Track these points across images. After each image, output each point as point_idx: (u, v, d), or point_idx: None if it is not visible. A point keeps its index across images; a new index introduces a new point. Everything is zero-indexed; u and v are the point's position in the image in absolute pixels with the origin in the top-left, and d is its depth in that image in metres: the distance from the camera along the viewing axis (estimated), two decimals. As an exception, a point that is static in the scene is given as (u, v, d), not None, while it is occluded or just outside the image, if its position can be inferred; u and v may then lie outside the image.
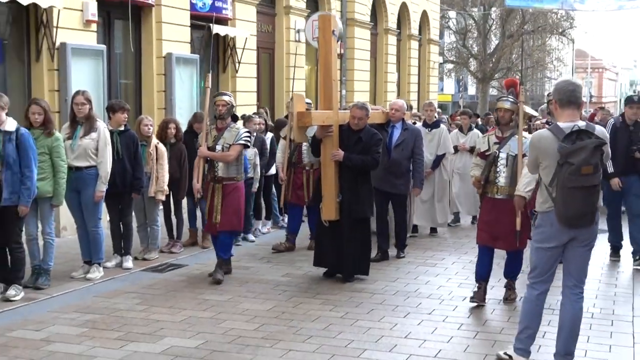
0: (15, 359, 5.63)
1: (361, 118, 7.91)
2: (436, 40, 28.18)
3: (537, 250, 5.36)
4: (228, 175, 7.98)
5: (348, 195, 7.87)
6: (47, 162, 7.52)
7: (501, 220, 6.85)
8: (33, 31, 10.82)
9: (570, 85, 5.35)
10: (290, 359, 5.66)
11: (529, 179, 6.31)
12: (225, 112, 7.98)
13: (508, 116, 7.05)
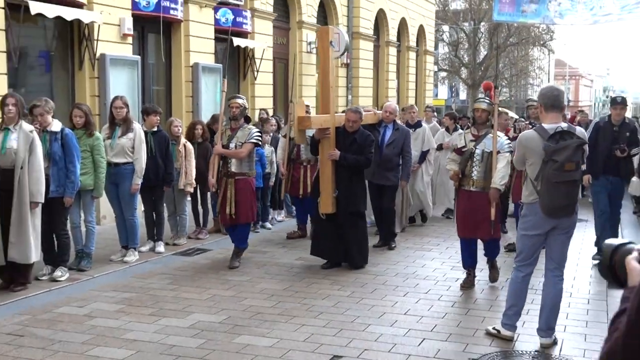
0: (61, 332, 5.68)
1: (355, 121, 7.84)
2: (431, 51, 28.11)
3: (523, 237, 5.44)
4: (240, 171, 7.90)
5: (343, 191, 7.80)
6: (88, 158, 7.59)
7: (476, 210, 6.78)
8: (76, 44, 10.86)
9: (554, 91, 5.43)
10: (303, 333, 5.71)
11: (503, 173, 6.51)
12: (239, 114, 7.94)
13: (484, 116, 6.95)
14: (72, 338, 5.54)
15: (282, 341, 5.51)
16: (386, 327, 5.89)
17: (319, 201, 7.91)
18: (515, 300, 5.46)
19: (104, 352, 5.23)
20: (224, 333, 5.70)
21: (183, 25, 12.73)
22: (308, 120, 7.95)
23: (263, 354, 5.21)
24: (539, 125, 5.39)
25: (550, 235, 5.37)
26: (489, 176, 6.64)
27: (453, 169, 6.99)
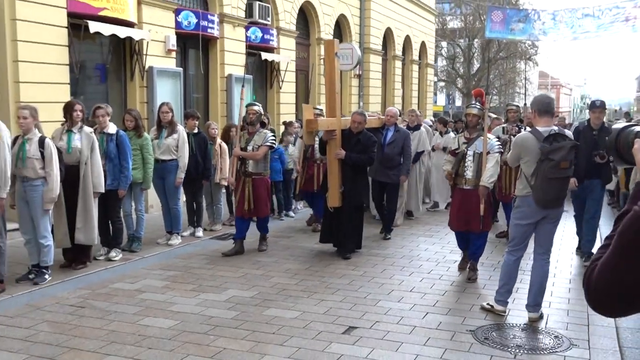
0: (116, 304, 5.72)
1: (360, 122, 7.63)
2: (432, 64, 27.99)
3: (516, 226, 5.40)
4: (256, 171, 7.68)
5: (348, 187, 7.58)
6: (138, 156, 7.62)
7: (469, 206, 6.52)
8: (128, 58, 10.92)
9: (546, 99, 5.40)
10: (323, 307, 5.71)
11: (491, 172, 6.29)
12: (255, 119, 7.70)
13: (475, 120, 6.67)
14: (125, 309, 5.57)
15: (305, 314, 5.50)
16: (394, 303, 5.88)
17: (327, 196, 7.74)
18: (507, 279, 5.44)
19: (152, 321, 5.26)
20: (255, 306, 5.71)
21: (219, 41, 12.76)
22: (315, 122, 7.66)
23: (289, 324, 5.21)
24: (533, 128, 5.31)
25: (540, 224, 5.34)
26: (481, 175, 6.41)
27: (447, 170, 6.78)
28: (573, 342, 4.90)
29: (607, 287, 1.39)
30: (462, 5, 36.70)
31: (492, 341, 4.89)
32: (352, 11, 19.02)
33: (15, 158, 6.08)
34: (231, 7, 13.11)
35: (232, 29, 13.16)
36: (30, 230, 6.34)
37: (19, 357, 4.47)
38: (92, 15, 9.53)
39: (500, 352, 4.68)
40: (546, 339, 5.00)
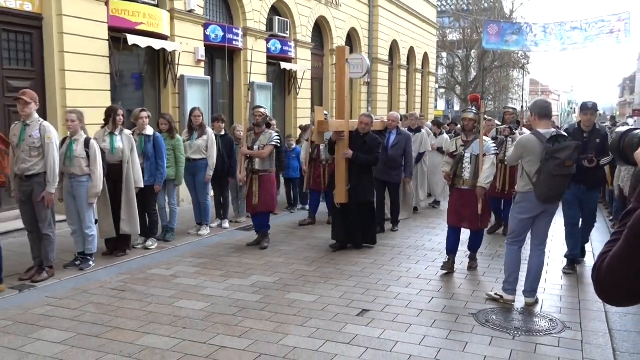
0: (153, 288, 5.75)
1: (367, 124, 7.40)
2: (433, 72, 27.83)
3: (517, 220, 5.32)
4: (263, 168, 7.47)
5: (355, 184, 7.36)
6: (171, 155, 7.64)
7: (466, 205, 6.26)
8: (162, 67, 10.95)
9: (545, 104, 5.36)
10: (338, 291, 5.70)
11: (488, 173, 6.08)
12: (261, 121, 7.52)
13: (472, 124, 6.36)
14: (162, 293, 5.59)
15: (322, 297, 5.50)
16: (403, 288, 5.86)
17: (334, 193, 7.54)
18: (514, 269, 5.35)
19: (186, 304, 5.27)
20: (277, 290, 5.71)
21: (242, 52, 12.76)
22: (326, 124, 7.50)
23: (308, 307, 5.21)
24: (535, 130, 5.22)
25: (538, 218, 5.28)
26: (477, 176, 6.17)
27: (446, 171, 6.51)
28: (566, 325, 4.85)
29: (616, 278, 1.37)
30: (461, 19, 36.45)
31: (492, 323, 4.85)
32: (361, 25, 18.95)
33: (64, 157, 6.12)
34: (254, 22, 13.11)
35: (255, 41, 13.14)
36: (77, 221, 6.37)
37: (68, 335, 4.49)
38: (130, 29, 9.57)
39: (500, 333, 4.64)
40: (542, 321, 4.95)
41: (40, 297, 5.41)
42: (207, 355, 4.13)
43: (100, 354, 4.13)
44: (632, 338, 4.67)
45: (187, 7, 10.95)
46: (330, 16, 16.76)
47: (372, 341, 4.42)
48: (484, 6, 36.52)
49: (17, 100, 5.75)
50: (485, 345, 4.39)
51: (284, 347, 4.29)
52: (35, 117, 5.81)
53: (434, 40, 27.64)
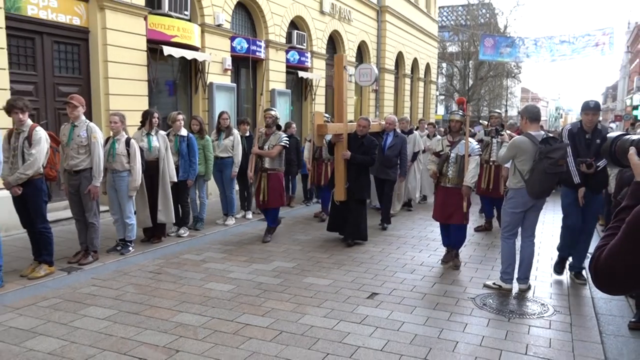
0: (185, 271, 5.76)
1: (365, 126, 7.12)
2: (434, 81, 27.63)
3: (510, 214, 5.25)
4: (272, 167, 7.15)
5: (352, 183, 7.09)
6: (201, 154, 7.63)
7: (450, 202, 6.00)
8: (193, 75, 10.94)
9: (535, 108, 5.27)
10: (350, 276, 5.67)
11: (473, 173, 5.84)
12: (271, 122, 7.20)
13: (458, 126, 6.09)
14: (193, 276, 5.60)
15: (336, 281, 5.47)
16: (408, 274, 5.82)
17: (333, 191, 7.30)
18: (510, 260, 5.27)
19: (214, 285, 5.28)
20: (296, 275, 5.70)
21: (264, 62, 12.72)
22: (325, 127, 7.23)
23: (323, 290, 5.19)
24: (527, 133, 5.13)
25: (528, 212, 5.22)
26: (462, 175, 5.91)
27: (432, 169, 6.21)
28: (557, 309, 4.78)
29: (615, 269, 1.33)
30: (460, 33, 36.15)
31: (489, 307, 4.80)
32: (370, 38, 18.84)
33: (107, 154, 6.14)
34: (275, 35, 13.08)
35: (275, 52, 13.13)
36: (118, 211, 6.40)
37: (111, 312, 4.52)
38: (166, 41, 9.59)
39: (496, 316, 4.59)
40: (534, 305, 4.89)
41: (86, 278, 5.45)
42: (234, 331, 4.13)
43: (140, 329, 4.14)
44: (616, 321, 4.60)
45: (216, 21, 10.96)
46: (343, 30, 16.68)
47: (381, 321, 4.40)
48: (481, 22, 36.12)
49: (67, 104, 5.78)
50: (483, 327, 4.34)
51: (302, 325, 4.28)
52: (82, 119, 5.83)
53: (435, 52, 27.44)
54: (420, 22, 23.47)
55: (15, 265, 5.65)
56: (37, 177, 5.25)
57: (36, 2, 7.77)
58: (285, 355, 3.72)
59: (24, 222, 5.46)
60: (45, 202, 5.42)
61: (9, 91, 7.08)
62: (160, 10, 9.59)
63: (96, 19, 8.49)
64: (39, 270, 5.40)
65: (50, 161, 5.42)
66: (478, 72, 35.69)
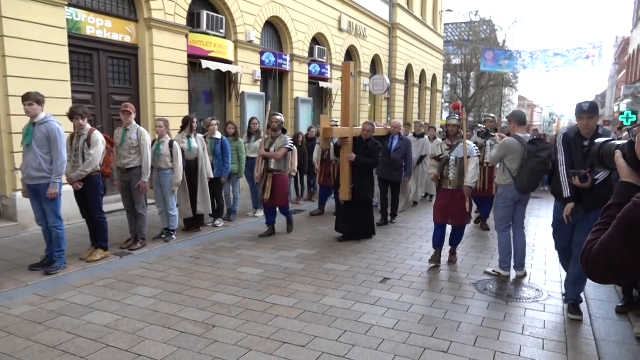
0: (220, 257, 5.79)
1: (369, 130, 6.71)
2: (440, 90, 27.32)
3: (502, 208, 5.16)
4: (277, 168, 6.80)
5: (357, 184, 6.71)
6: (235, 154, 7.66)
7: (452, 204, 5.56)
8: (227, 85, 10.99)
9: (522, 113, 5.21)
10: (365, 263, 5.66)
11: (473, 174, 5.43)
12: (277, 126, 6.80)
13: (455, 130, 5.64)
14: (227, 261, 5.64)
15: (352, 267, 5.46)
16: (416, 262, 5.77)
17: (339, 191, 6.91)
18: (507, 250, 5.20)
19: (246, 269, 5.30)
20: (317, 261, 5.69)
21: (289, 74, 12.76)
22: (331, 131, 6.78)
23: (341, 275, 5.18)
24: (515, 135, 5.04)
25: (517, 206, 5.15)
26: (462, 177, 5.51)
27: (433, 173, 5.77)
28: (550, 294, 4.70)
29: (606, 261, 1.31)
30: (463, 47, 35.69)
31: (489, 291, 4.74)
32: (383, 52, 18.71)
33: (153, 154, 6.21)
34: (299, 50, 13.07)
35: (299, 64, 13.12)
36: (162, 204, 6.48)
37: (157, 291, 4.58)
38: (204, 56, 9.66)
39: (496, 299, 4.53)
40: (530, 291, 4.81)
41: (135, 262, 5.52)
42: (263, 310, 4.15)
43: (182, 307, 4.19)
44: (604, 306, 4.50)
45: (247, 38, 10.99)
46: (359, 45, 16.59)
47: (393, 303, 4.37)
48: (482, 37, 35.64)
49: (122, 112, 5.86)
50: (484, 309, 4.29)
51: (323, 305, 4.28)
52: (133, 123, 5.92)
53: (441, 64, 27.11)
54: (427, 37, 23.23)
55: (75, 250, 5.77)
56: (95, 174, 5.34)
57: (94, 23, 7.90)
58: (308, 332, 3.73)
59: (83, 212, 5.56)
60: (102, 196, 5.51)
61: (70, 100, 7.21)
62: (200, 29, 9.66)
63: (144, 37, 8.59)
64: (95, 254, 5.50)
65: (106, 160, 5.51)
66: (479, 82, 35.25)
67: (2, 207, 6.78)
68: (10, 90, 6.49)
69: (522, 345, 3.60)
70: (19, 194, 6.48)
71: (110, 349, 3.41)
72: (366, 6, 16.70)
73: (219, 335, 3.65)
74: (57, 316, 3.96)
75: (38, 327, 3.74)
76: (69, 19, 7.40)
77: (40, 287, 4.62)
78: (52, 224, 5.03)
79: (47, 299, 4.32)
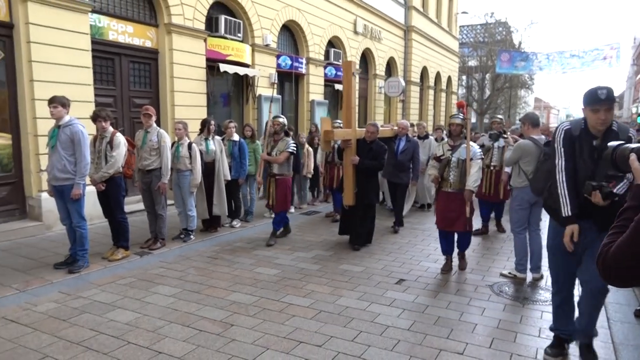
0: (237, 257, 5.81)
1: (373, 132, 6.33)
2: (455, 92, 27.10)
3: (518, 211, 5.09)
4: (280, 173, 6.47)
5: (361, 188, 6.36)
6: (253, 156, 7.68)
7: (452, 208, 5.18)
8: (245, 88, 11.05)
9: (535, 116, 5.17)
10: (381, 264, 5.63)
11: (475, 177, 5.04)
12: (279, 129, 6.48)
13: (459, 129, 5.25)
14: (244, 261, 5.67)
15: (368, 268, 5.44)
16: (431, 263, 5.73)
17: (343, 196, 6.56)
18: (523, 253, 5.13)
19: (263, 270, 5.33)
20: (333, 262, 5.69)
21: (306, 77, 12.80)
22: (332, 133, 6.32)
23: (357, 275, 5.17)
24: (529, 137, 4.98)
25: (532, 208, 5.10)
26: (464, 179, 5.11)
27: (434, 174, 5.36)
28: (567, 297, 4.64)
29: (623, 264, 1.29)
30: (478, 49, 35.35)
31: (505, 294, 4.69)
32: (398, 54, 18.64)
33: (172, 156, 6.28)
34: (314, 53, 13.10)
35: (315, 68, 13.14)
36: (181, 205, 6.55)
37: (176, 290, 4.63)
38: (221, 60, 9.74)
39: (512, 302, 4.48)
40: (546, 293, 4.73)
41: (155, 261, 5.59)
42: (279, 310, 4.17)
43: (200, 306, 4.23)
44: (622, 309, 4.41)
45: (264, 42, 11.06)
46: (374, 48, 16.57)
47: (408, 304, 4.36)
48: (497, 39, 35.25)
49: (143, 115, 5.96)
50: (500, 311, 4.25)
51: (339, 306, 4.28)
52: (154, 126, 6.00)
53: (456, 66, 26.91)
54: (442, 39, 23.08)
55: (98, 249, 5.86)
56: (117, 175, 5.44)
57: (116, 29, 8.04)
58: (324, 332, 3.74)
59: (105, 213, 5.66)
60: (123, 196, 5.60)
61: (93, 103, 7.35)
62: (218, 33, 9.75)
63: (164, 41, 8.71)
64: (117, 253, 5.59)
65: (128, 162, 5.59)
66: (495, 83, 34.84)
67: (28, 207, 6.94)
68: (37, 94, 6.64)
69: (538, 348, 3.55)
70: (44, 194, 6.63)
71: (132, 345, 3.47)
72: (381, 9, 16.67)
73: (236, 334, 3.68)
74: (81, 313, 4.04)
75: (62, 324, 3.82)
76: (92, 24, 7.55)
77: (64, 285, 4.72)
78: (75, 223, 5.13)
79: (71, 297, 4.41)
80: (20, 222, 6.77)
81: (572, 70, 23.74)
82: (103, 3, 7.89)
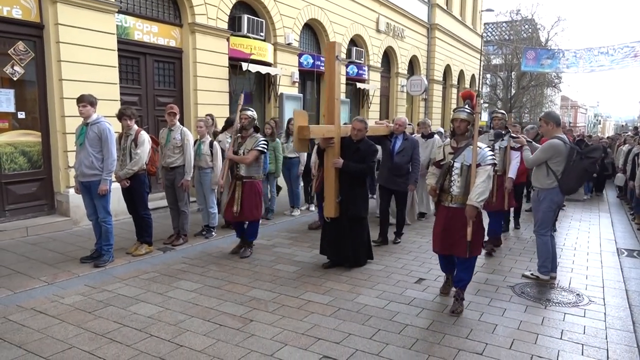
0: (258, 254, 5.84)
1: (360, 130, 5.19)
2: (478, 90, 26.75)
3: (546, 212, 4.95)
4: (248, 174, 5.58)
5: (345, 197, 5.20)
6: (272, 154, 7.70)
7: (455, 228, 4.06)
8: (267, 87, 11.14)
9: (557, 114, 5.12)
10: (400, 263, 5.60)
11: (482, 188, 3.89)
12: (247, 124, 5.63)
13: (464, 127, 4.08)
14: (264, 258, 5.71)
15: (387, 267, 5.43)
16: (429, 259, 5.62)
17: (323, 205, 5.42)
18: (547, 254, 5.00)
19: (282, 267, 5.36)
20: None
21: (327, 75, 12.79)
22: (307, 130, 4.90)
23: (376, 274, 5.16)
24: (557, 136, 4.84)
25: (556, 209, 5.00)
26: (469, 191, 4.00)
27: (431, 184, 4.27)
28: (591, 299, 4.53)
29: None
30: (503, 47, 34.75)
31: (527, 295, 4.61)
32: (421, 52, 18.48)
33: (195, 154, 6.38)
34: (336, 51, 13.07)
35: (337, 66, 13.12)
36: (203, 201, 6.62)
37: (197, 285, 4.71)
38: (244, 59, 9.82)
39: (534, 303, 4.40)
40: (570, 295, 4.64)
41: (178, 257, 5.68)
42: (298, 306, 4.20)
43: (221, 301, 4.29)
44: (649, 314, 4.30)
45: (286, 41, 11.12)
46: (397, 46, 16.46)
47: (427, 303, 4.33)
48: (523, 36, 34.59)
49: (168, 114, 6.06)
50: (521, 312, 4.18)
51: (357, 304, 4.28)
52: (177, 124, 6.11)
53: (479, 64, 26.54)
54: (466, 37, 22.78)
55: (122, 244, 6.00)
56: (141, 172, 5.54)
57: (141, 29, 8.20)
58: (342, 329, 3.75)
59: (129, 209, 5.78)
60: (147, 193, 5.70)
61: (119, 101, 7.52)
62: (240, 32, 9.85)
63: (188, 41, 8.84)
64: (140, 249, 5.71)
65: (151, 159, 5.71)
66: (520, 82, 34.17)
67: (57, 203, 7.15)
68: (65, 93, 6.84)
69: (560, 350, 3.49)
70: (71, 190, 6.82)
71: (154, 338, 3.55)
72: (404, 7, 16.54)
73: (255, 329, 3.73)
74: (105, 306, 4.15)
75: (88, 316, 3.94)
76: (118, 25, 7.72)
77: (90, 279, 4.85)
78: (101, 218, 5.26)
79: (96, 290, 4.53)
80: (48, 217, 6.98)
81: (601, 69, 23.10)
82: (129, 3, 8.07)
